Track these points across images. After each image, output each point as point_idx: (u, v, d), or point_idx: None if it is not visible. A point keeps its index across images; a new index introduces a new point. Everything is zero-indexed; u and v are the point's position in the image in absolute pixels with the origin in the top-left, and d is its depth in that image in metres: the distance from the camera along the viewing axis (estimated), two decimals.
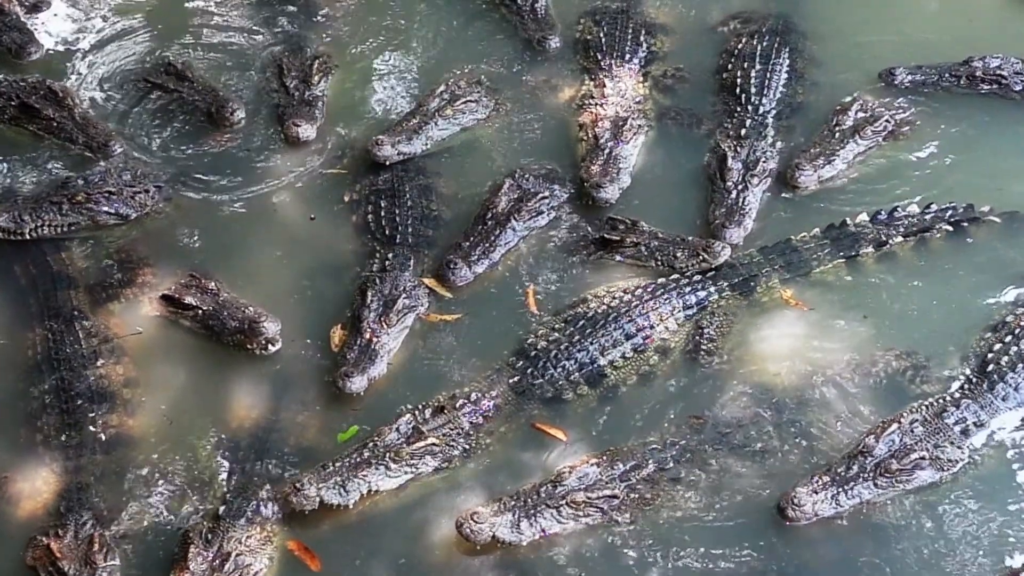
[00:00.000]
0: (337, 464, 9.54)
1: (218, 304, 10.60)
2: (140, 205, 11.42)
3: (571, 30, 13.22)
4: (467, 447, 9.87)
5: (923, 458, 9.59)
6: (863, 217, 11.33)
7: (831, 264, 11.04)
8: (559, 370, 10.26)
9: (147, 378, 10.35)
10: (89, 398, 10.09)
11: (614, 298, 10.68)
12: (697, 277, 10.87)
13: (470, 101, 12.30)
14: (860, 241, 11.15)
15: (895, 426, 9.72)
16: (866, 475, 9.52)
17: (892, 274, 11.04)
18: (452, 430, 9.85)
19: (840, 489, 9.47)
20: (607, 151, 11.78)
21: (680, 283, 10.80)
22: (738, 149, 11.74)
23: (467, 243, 11.18)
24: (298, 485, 9.38)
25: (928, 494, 9.63)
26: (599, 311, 10.57)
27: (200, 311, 10.59)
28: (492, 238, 11.19)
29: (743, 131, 11.97)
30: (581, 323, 10.51)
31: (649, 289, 10.74)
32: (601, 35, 13.00)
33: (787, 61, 12.59)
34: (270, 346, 10.39)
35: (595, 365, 10.31)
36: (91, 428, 9.94)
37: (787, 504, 9.39)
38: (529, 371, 10.28)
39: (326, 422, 10.07)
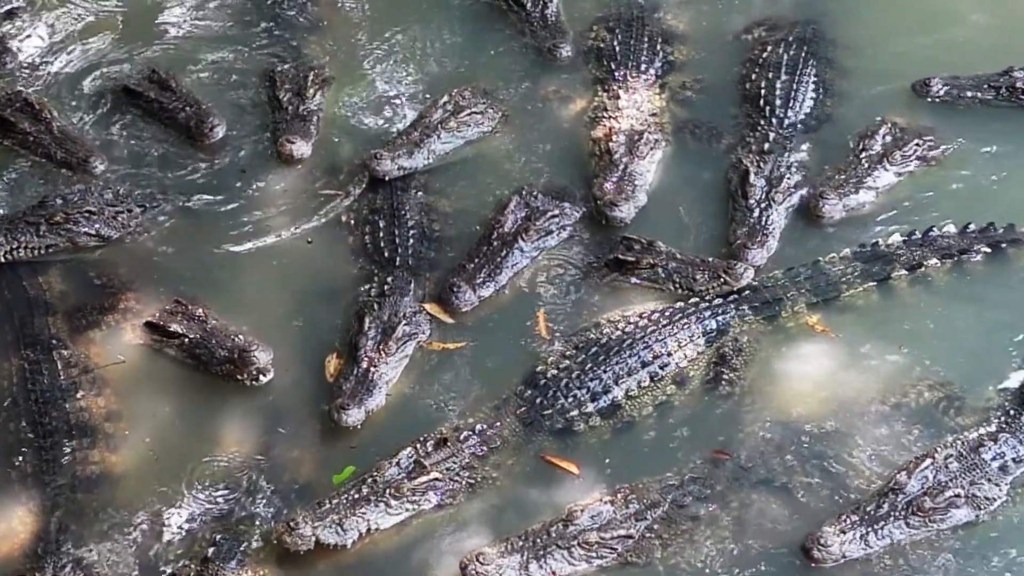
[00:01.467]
0: (334, 501, 9.39)
1: (206, 332, 10.46)
2: (122, 226, 11.31)
3: (583, 38, 13.13)
4: (472, 482, 9.73)
5: (958, 496, 9.42)
6: (896, 238, 11.22)
7: (861, 287, 10.89)
8: (570, 400, 10.11)
9: (130, 411, 10.22)
10: (68, 432, 9.95)
11: (629, 323, 10.54)
12: (717, 301, 10.71)
13: (475, 113, 12.18)
14: (893, 263, 11.00)
15: (928, 462, 9.54)
16: (897, 514, 9.35)
17: (926, 299, 10.91)
18: (456, 464, 9.72)
19: (870, 529, 9.31)
20: (621, 167, 11.65)
21: (699, 307, 10.65)
22: (761, 165, 11.62)
23: (471, 265, 11.03)
24: (292, 524, 9.21)
25: (964, 535, 9.45)
26: (613, 337, 10.43)
27: (186, 339, 10.46)
28: (498, 260, 11.04)
29: (766, 145, 11.84)
30: (594, 350, 10.36)
31: (666, 313, 10.59)
32: (615, 43, 12.89)
33: (814, 71, 12.48)
34: (261, 376, 10.24)
35: (609, 395, 10.16)
36: (70, 464, 9.80)
37: (813, 544, 9.23)
38: (538, 401, 10.13)
39: (322, 457, 9.95)
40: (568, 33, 13.05)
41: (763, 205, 11.31)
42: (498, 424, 9.99)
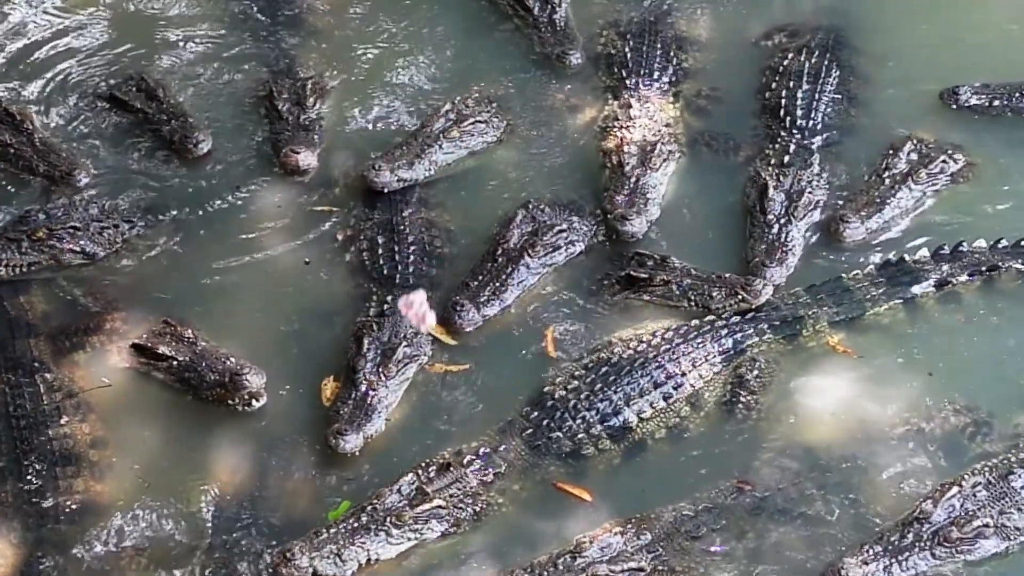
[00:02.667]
0: (332, 531, 9.27)
1: (195, 354, 10.36)
2: (108, 242, 11.22)
3: (593, 43, 13.04)
4: (476, 509, 9.62)
5: (987, 526, 9.27)
6: (924, 253, 11.12)
7: (886, 305, 10.79)
8: (578, 422, 10.01)
9: (116, 438, 10.12)
10: (52, 460, 9.84)
11: (641, 342, 10.42)
12: (734, 319, 10.60)
13: (478, 122, 12.07)
14: (919, 280, 10.90)
15: (955, 490, 9.39)
16: (923, 544, 9.21)
17: (954, 318, 10.81)
18: (459, 490, 9.63)
19: (893, 560, 9.15)
20: (633, 179, 11.53)
21: (715, 325, 10.54)
22: (781, 178, 11.52)
23: (475, 283, 10.91)
24: (288, 555, 9.07)
25: (994, 568, 9.32)
26: (624, 356, 10.32)
27: (175, 362, 10.36)
28: (503, 277, 10.92)
29: (786, 158, 11.72)
30: (604, 370, 10.26)
31: (680, 332, 10.48)
32: (627, 50, 12.80)
33: (837, 80, 12.39)
34: (254, 401, 10.13)
35: (619, 416, 10.05)
36: (54, 494, 9.70)
37: None
38: (545, 423, 10.03)
39: (318, 487, 9.84)
40: (577, 39, 12.93)
41: (782, 221, 11.21)
42: (503, 447, 9.90)
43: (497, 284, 10.88)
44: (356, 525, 9.32)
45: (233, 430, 10.15)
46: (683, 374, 10.23)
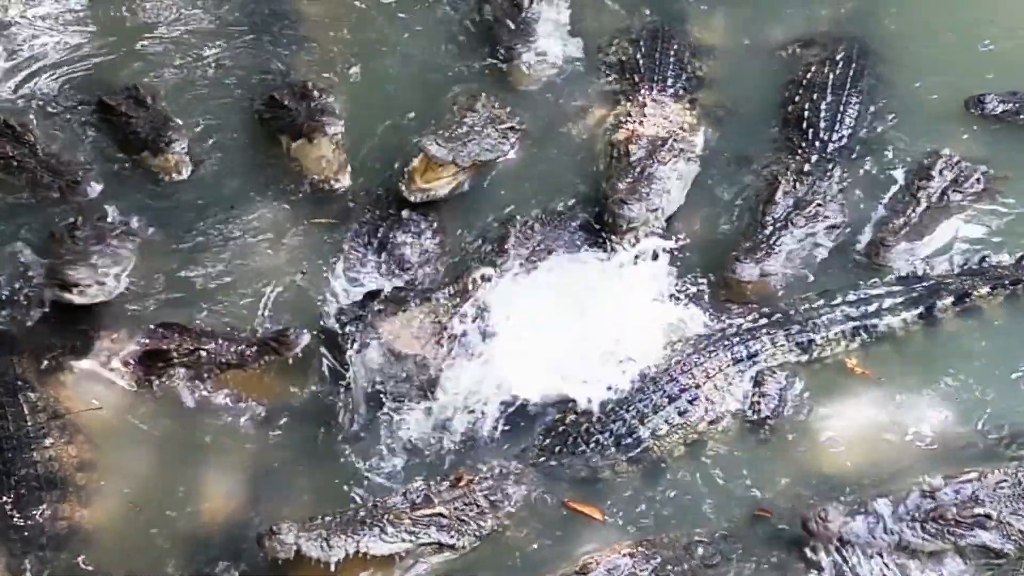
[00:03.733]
0: (326, 519, 9.27)
1: (205, 337, 10.42)
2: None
3: (602, 53, 12.93)
4: (481, 525, 9.56)
5: (990, 517, 9.16)
6: (945, 265, 11.04)
7: (903, 316, 10.68)
8: (592, 446, 9.95)
9: (104, 461, 9.99)
10: (36, 484, 9.72)
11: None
12: (747, 327, 10.52)
13: (513, 128, 12.05)
14: (939, 292, 10.77)
15: (973, 475, 9.36)
16: (916, 515, 9.18)
17: (975, 332, 10.68)
18: (466, 505, 9.56)
19: (880, 521, 9.17)
20: (639, 169, 11.41)
21: (727, 334, 10.46)
22: (796, 185, 11.38)
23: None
24: (275, 529, 9.08)
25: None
26: (636, 373, 10.20)
27: (190, 352, 10.37)
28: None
29: (806, 167, 11.59)
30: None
31: (692, 343, 10.39)
32: (639, 57, 12.68)
33: (862, 92, 12.20)
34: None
35: (634, 436, 9.94)
36: (38, 520, 9.60)
37: (812, 518, 9.12)
38: (558, 449, 9.97)
39: (315, 514, 9.52)
40: (531, 39, 12.77)
41: (779, 225, 11.07)
42: (517, 471, 9.85)
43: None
44: (352, 517, 9.30)
45: (226, 453, 10.05)
46: (697, 386, 10.11)
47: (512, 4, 13.03)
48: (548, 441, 10.01)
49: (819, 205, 11.23)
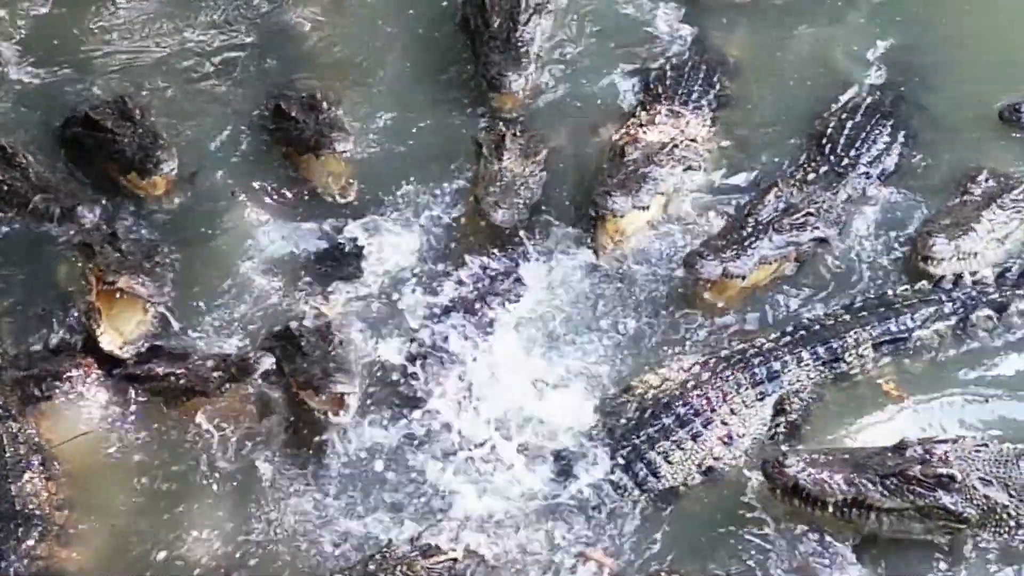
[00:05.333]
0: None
1: (190, 359, 10.23)
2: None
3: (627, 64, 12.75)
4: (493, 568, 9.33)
5: (953, 479, 9.05)
6: (985, 274, 10.77)
7: (937, 328, 10.40)
8: (599, 475, 9.72)
9: (85, 498, 9.83)
10: (12, 521, 9.51)
11: (666, 379, 10.11)
12: (768, 345, 10.22)
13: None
14: (977, 301, 10.52)
15: (951, 438, 9.40)
16: (876, 468, 9.15)
17: (1016, 347, 10.43)
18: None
19: (826, 469, 9.15)
20: (631, 168, 11.19)
21: (747, 354, 10.16)
22: (793, 191, 11.14)
23: None
24: None
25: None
26: (647, 397, 10.00)
27: (173, 375, 10.16)
28: None
29: (811, 176, 11.41)
30: (625, 415, 9.96)
31: (707, 364, 10.13)
32: (667, 68, 12.56)
33: (899, 120, 11.95)
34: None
35: (644, 462, 9.68)
36: (13, 559, 9.40)
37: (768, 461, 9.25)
38: (562, 479, 9.76)
39: (304, 557, 9.56)
40: (526, 64, 12.44)
41: (760, 228, 10.78)
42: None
43: None
44: (362, 571, 9.12)
45: (213, 490, 9.87)
46: (712, 409, 9.83)
47: (509, 19, 12.73)
48: (556, 470, 9.80)
49: (810, 214, 10.92)
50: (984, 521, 9.08)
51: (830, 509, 9.05)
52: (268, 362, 9.95)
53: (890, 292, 10.62)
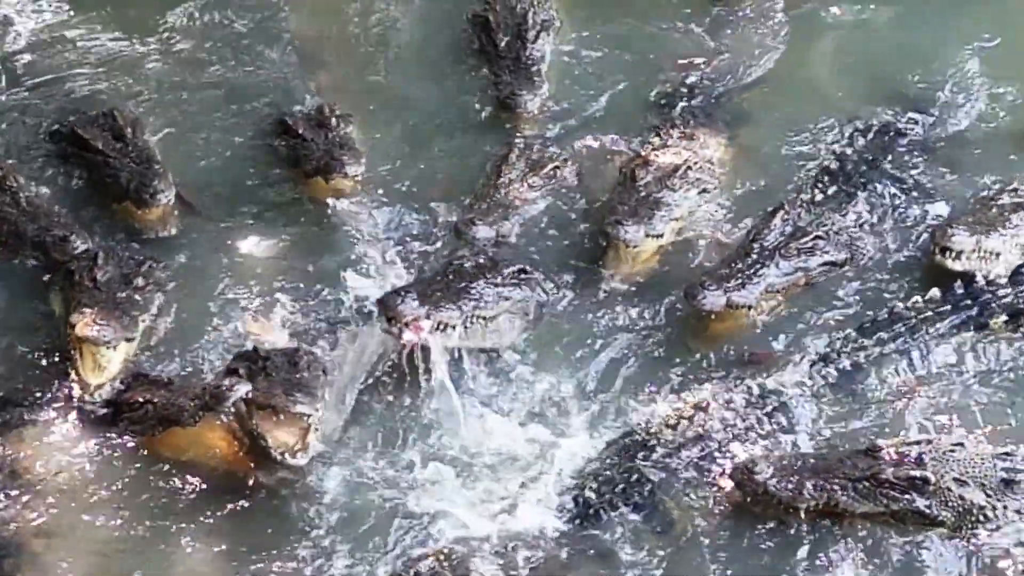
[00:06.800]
0: None
1: (171, 390, 9.91)
2: None
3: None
4: None
5: (927, 481, 8.95)
6: (999, 272, 10.60)
7: (955, 340, 10.23)
8: (615, 517, 9.40)
9: (64, 526, 9.56)
10: None
11: (682, 417, 9.84)
12: (785, 378, 9.98)
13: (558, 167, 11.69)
14: (991, 307, 10.38)
15: (924, 438, 9.31)
16: (848, 472, 9.05)
17: None
18: None
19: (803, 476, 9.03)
20: (643, 193, 11.01)
21: (765, 392, 9.93)
22: (801, 213, 10.92)
23: None
24: None
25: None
26: (658, 435, 9.76)
27: (152, 405, 9.85)
28: None
29: (819, 197, 11.25)
30: (636, 454, 9.69)
31: (720, 400, 9.90)
32: (682, 88, 12.52)
33: (919, 142, 11.89)
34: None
35: (655, 503, 9.45)
36: None
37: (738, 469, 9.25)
38: (577, 522, 9.44)
39: None
40: (540, 84, 12.44)
41: (765, 254, 10.54)
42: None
43: None
44: None
45: (199, 520, 9.60)
46: (722, 449, 9.65)
47: (517, 38, 12.75)
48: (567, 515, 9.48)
49: (819, 238, 10.71)
50: (960, 523, 8.96)
51: (802, 515, 8.95)
52: (243, 390, 9.61)
53: (900, 305, 10.38)
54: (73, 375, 10.13)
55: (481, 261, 10.59)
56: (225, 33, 13.36)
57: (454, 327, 9.96)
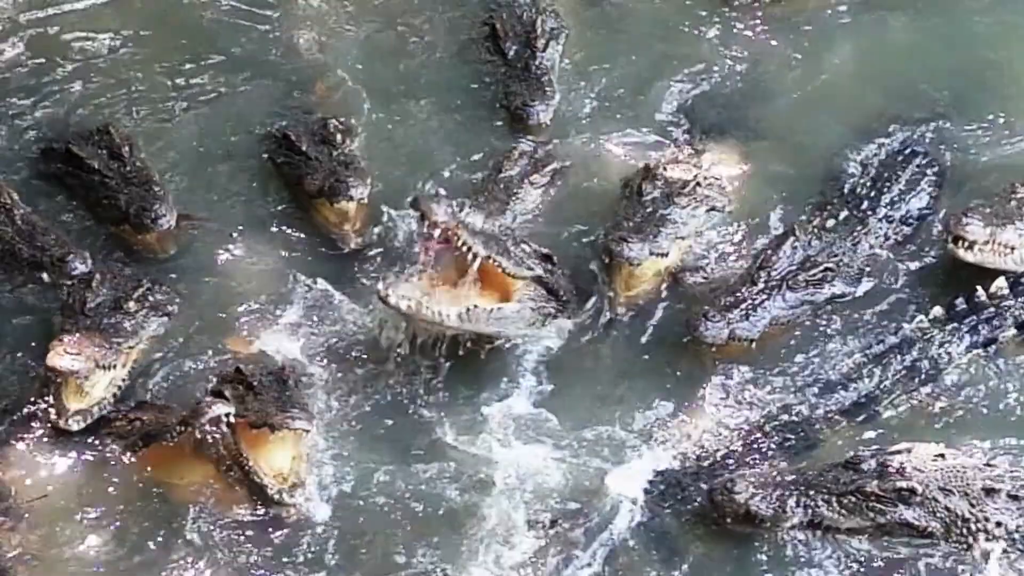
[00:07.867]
0: None
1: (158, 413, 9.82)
2: None
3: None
4: None
5: (914, 492, 8.88)
6: (1000, 283, 10.24)
7: (965, 359, 10.02)
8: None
9: (49, 552, 9.41)
10: None
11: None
12: (797, 405, 9.83)
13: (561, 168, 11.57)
14: (999, 320, 10.15)
15: (904, 447, 9.17)
16: (834, 489, 8.97)
17: None
18: None
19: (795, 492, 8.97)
20: (649, 209, 10.69)
21: (776, 421, 9.77)
22: (812, 241, 10.55)
23: None
24: None
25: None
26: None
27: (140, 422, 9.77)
28: None
29: (830, 222, 10.80)
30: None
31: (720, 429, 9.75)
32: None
33: (928, 171, 11.40)
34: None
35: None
36: None
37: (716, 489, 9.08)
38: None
39: None
40: (551, 94, 12.20)
41: (772, 285, 10.28)
42: None
43: None
44: None
45: (185, 546, 9.45)
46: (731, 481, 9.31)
47: (526, 46, 12.50)
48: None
49: (829, 269, 10.41)
50: (949, 533, 8.88)
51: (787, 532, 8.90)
52: (221, 409, 9.41)
53: (905, 326, 10.19)
54: (51, 399, 9.83)
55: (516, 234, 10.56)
56: (224, 42, 13.06)
57: (475, 255, 9.78)
